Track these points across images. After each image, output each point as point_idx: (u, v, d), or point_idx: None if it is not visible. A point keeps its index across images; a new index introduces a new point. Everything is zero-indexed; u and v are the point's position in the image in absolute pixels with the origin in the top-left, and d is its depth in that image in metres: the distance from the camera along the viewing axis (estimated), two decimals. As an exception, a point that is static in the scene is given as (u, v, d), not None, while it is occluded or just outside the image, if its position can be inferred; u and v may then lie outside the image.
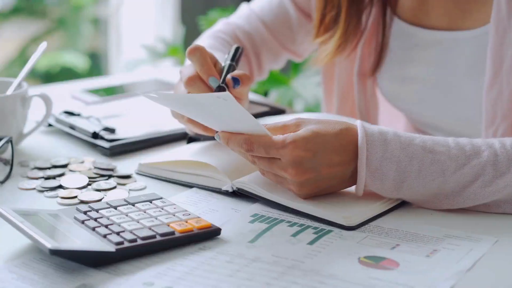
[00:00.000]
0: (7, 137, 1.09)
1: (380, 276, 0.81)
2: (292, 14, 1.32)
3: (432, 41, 1.18)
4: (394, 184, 0.93)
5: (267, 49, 1.35)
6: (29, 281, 0.82)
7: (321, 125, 0.93)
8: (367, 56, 1.26)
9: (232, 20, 1.37)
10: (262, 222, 0.94)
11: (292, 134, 0.92)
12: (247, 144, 0.93)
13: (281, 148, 0.91)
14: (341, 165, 0.93)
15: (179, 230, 0.88)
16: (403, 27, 1.21)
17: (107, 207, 0.94)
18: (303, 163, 0.91)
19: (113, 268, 0.84)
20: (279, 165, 0.92)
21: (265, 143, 0.92)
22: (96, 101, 1.41)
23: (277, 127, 0.96)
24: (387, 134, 0.94)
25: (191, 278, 0.82)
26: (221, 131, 0.96)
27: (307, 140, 0.92)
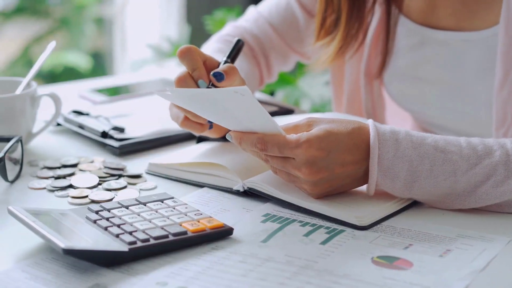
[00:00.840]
0: (17, 137, 1.08)
1: (394, 276, 0.81)
2: (299, 16, 1.32)
3: (440, 42, 1.18)
4: (405, 184, 0.93)
5: (275, 51, 1.35)
6: (42, 281, 0.82)
7: (334, 124, 0.93)
8: (374, 57, 1.26)
9: (240, 23, 1.37)
10: (274, 222, 0.94)
11: (305, 133, 0.92)
12: (260, 143, 0.93)
13: (295, 147, 0.91)
14: (354, 164, 0.93)
15: (192, 229, 0.88)
16: (411, 27, 1.21)
17: (119, 206, 0.93)
18: (317, 163, 0.91)
19: (125, 268, 0.83)
20: (293, 164, 0.92)
21: (279, 142, 0.92)
22: (104, 100, 1.41)
23: (288, 127, 0.96)
24: (398, 133, 0.94)
25: (205, 278, 0.81)
26: (233, 131, 0.96)
27: (321, 139, 0.92)
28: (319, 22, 1.21)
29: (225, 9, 2.24)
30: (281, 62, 1.37)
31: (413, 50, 1.21)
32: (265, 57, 1.35)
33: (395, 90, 1.26)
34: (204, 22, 2.26)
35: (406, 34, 1.22)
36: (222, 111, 0.95)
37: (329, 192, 0.95)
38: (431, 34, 1.19)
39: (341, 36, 1.19)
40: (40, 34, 4.14)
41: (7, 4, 4.11)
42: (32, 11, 4.18)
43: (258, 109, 0.90)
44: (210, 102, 0.94)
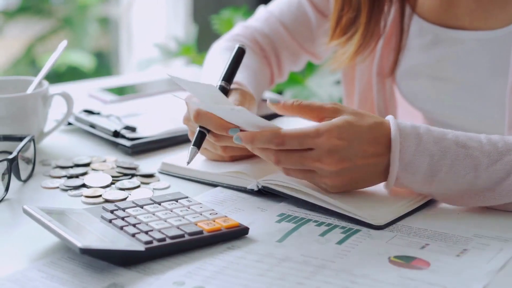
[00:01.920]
0: (30, 136, 1.08)
1: (412, 276, 0.81)
2: (311, 16, 1.31)
3: (454, 41, 1.18)
4: (426, 178, 0.93)
5: (287, 51, 1.34)
6: (59, 280, 0.81)
7: (356, 117, 0.93)
8: (386, 56, 1.25)
9: (250, 23, 1.36)
10: (289, 221, 0.93)
11: (325, 123, 0.92)
12: (277, 137, 0.92)
13: (315, 137, 0.91)
14: (375, 156, 0.93)
15: (207, 229, 0.88)
16: (424, 26, 1.21)
17: (134, 206, 0.93)
18: (339, 152, 0.91)
19: (142, 267, 0.83)
20: (312, 156, 0.92)
21: (298, 134, 0.91)
22: (113, 99, 1.41)
23: (313, 107, 0.95)
24: (419, 128, 0.94)
25: (222, 278, 0.81)
26: (242, 132, 0.94)
27: (342, 130, 0.91)
28: (334, 20, 1.21)
29: (232, 9, 2.24)
30: (292, 61, 1.36)
31: (426, 49, 1.21)
32: (276, 57, 1.34)
33: (407, 89, 1.26)
34: (211, 21, 2.26)
35: (419, 33, 1.21)
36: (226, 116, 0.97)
37: (348, 186, 0.94)
38: (444, 33, 1.18)
39: (361, 34, 1.19)
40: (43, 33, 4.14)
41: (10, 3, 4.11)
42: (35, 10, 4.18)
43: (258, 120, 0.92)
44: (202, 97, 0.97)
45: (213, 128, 1.00)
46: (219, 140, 1.02)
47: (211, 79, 1.19)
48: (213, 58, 1.30)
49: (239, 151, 1.05)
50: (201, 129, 1.01)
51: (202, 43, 2.41)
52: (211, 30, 2.32)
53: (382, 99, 1.27)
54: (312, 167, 0.93)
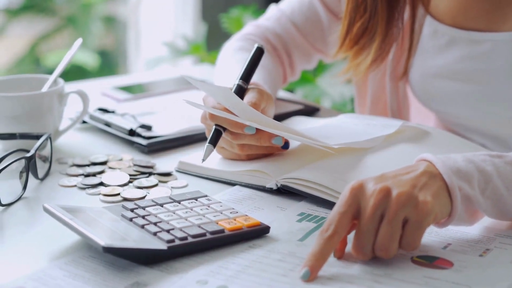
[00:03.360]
0: (47, 134, 1.08)
1: (435, 276, 0.81)
2: (322, 15, 1.31)
3: (469, 42, 1.17)
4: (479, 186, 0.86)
5: (298, 50, 1.34)
6: (81, 279, 0.81)
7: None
8: (399, 58, 1.25)
9: (262, 22, 1.36)
10: (310, 221, 0.93)
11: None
12: None
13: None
14: None
15: (229, 228, 0.88)
16: (439, 28, 1.20)
17: (153, 204, 0.93)
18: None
19: (164, 266, 0.83)
20: None
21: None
22: (127, 98, 1.41)
23: None
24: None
25: (245, 277, 0.81)
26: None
27: None
28: (344, 30, 1.19)
29: (241, 7, 2.24)
30: (304, 61, 1.36)
31: (441, 50, 1.20)
32: (288, 56, 1.34)
33: (421, 91, 1.25)
34: (220, 20, 2.25)
35: (434, 35, 1.21)
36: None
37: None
38: (460, 34, 1.18)
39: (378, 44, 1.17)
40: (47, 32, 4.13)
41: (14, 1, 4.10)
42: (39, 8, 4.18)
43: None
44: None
45: (228, 126, 1.01)
46: (236, 138, 1.02)
47: (225, 79, 1.19)
48: (226, 59, 1.30)
49: (256, 150, 1.05)
50: (217, 127, 1.02)
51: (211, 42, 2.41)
52: (220, 28, 2.32)
53: (396, 101, 1.26)
54: None
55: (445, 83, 1.21)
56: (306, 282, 0.79)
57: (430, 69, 1.22)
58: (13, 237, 0.92)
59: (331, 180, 0.96)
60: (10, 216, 0.97)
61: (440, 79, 1.22)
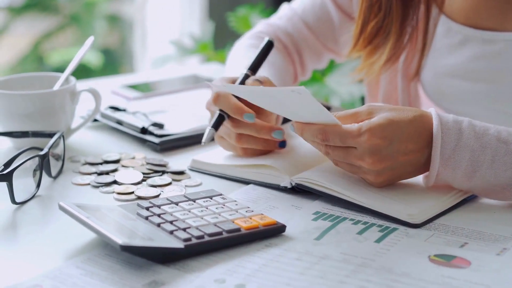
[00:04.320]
0: (60, 132, 1.08)
1: (453, 275, 0.80)
2: (334, 15, 1.31)
3: (483, 42, 1.17)
4: (466, 174, 0.93)
5: (309, 50, 1.34)
6: (98, 277, 0.81)
7: (395, 112, 0.93)
8: (412, 56, 1.25)
9: (273, 21, 1.36)
10: (326, 220, 0.93)
11: (367, 122, 0.92)
12: (321, 134, 0.93)
13: (357, 136, 0.91)
14: (416, 152, 0.93)
15: (245, 227, 0.88)
16: (452, 27, 1.20)
17: (169, 203, 0.93)
18: (380, 151, 0.91)
19: (181, 265, 0.83)
20: (355, 154, 0.92)
21: (340, 132, 0.92)
22: (137, 96, 1.40)
23: (348, 114, 0.95)
24: (462, 122, 0.94)
25: (262, 276, 0.81)
26: (295, 122, 0.96)
27: (383, 128, 0.91)
28: (358, 29, 1.19)
29: (248, 6, 2.23)
30: (315, 60, 1.36)
31: (455, 50, 1.20)
32: (299, 55, 1.34)
33: (433, 90, 1.25)
34: (227, 18, 2.25)
35: (447, 34, 1.20)
36: (281, 105, 0.96)
37: (390, 182, 0.95)
38: (474, 34, 1.17)
39: (393, 43, 1.17)
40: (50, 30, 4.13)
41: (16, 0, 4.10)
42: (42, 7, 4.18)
43: (316, 105, 0.90)
44: (268, 98, 0.95)
45: (230, 110, 1.02)
46: (235, 126, 1.03)
47: (233, 73, 1.19)
48: (236, 55, 1.30)
49: (253, 143, 1.04)
50: (220, 112, 1.03)
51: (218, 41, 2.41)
52: (227, 27, 2.31)
53: (408, 100, 1.26)
54: (356, 164, 0.93)
55: (457, 82, 1.21)
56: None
57: (443, 68, 1.22)
58: (28, 235, 0.92)
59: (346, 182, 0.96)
60: (24, 214, 0.97)
61: (452, 78, 1.21)
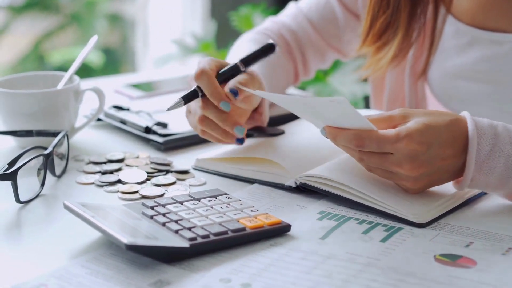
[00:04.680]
0: (64, 131, 1.08)
1: (460, 275, 0.80)
2: (339, 13, 1.31)
3: (491, 43, 1.16)
4: (500, 179, 0.92)
5: (313, 48, 1.34)
6: (103, 276, 0.81)
7: (431, 117, 0.91)
8: (419, 57, 1.24)
9: (279, 18, 1.37)
10: (331, 219, 0.93)
11: (404, 127, 0.90)
12: (357, 139, 0.91)
13: (395, 142, 0.90)
14: (453, 157, 0.91)
15: (250, 226, 0.87)
16: (460, 27, 1.19)
17: (173, 202, 0.93)
18: (418, 157, 0.90)
19: (186, 264, 0.83)
20: (392, 160, 0.90)
21: (377, 138, 0.90)
22: (141, 95, 1.40)
23: (381, 118, 0.93)
24: (497, 127, 0.92)
25: (268, 275, 0.81)
26: (328, 126, 0.94)
27: (421, 133, 0.90)
28: (367, 25, 1.19)
29: (251, 5, 2.23)
30: (318, 59, 1.36)
31: (462, 50, 1.19)
32: (302, 53, 1.34)
33: (441, 91, 1.24)
34: (229, 18, 2.25)
35: (455, 35, 1.20)
36: (313, 113, 0.94)
37: (427, 187, 0.94)
38: (481, 35, 1.17)
39: (401, 38, 1.17)
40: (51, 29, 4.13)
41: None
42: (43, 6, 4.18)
43: (354, 113, 0.88)
44: (301, 105, 0.94)
45: (208, 91, 1.01)
46: (203, 107, 1.02)
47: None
48: (238, 46, 1.31)
49: (214, 129, 1.03)
50: (196, 88, 1.02)
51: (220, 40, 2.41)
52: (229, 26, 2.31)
53: (414, 100, 1.26)
54: (393, 170, 0.91)
55: (465, 83, 1.20)
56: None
57: (450, 68, 1.21)
58: (32, 234, 0.92)
59: (352, 178, 0.96)
60: (28, 213, 0.97)
61: (460, 79, 1.21)
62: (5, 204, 0.98)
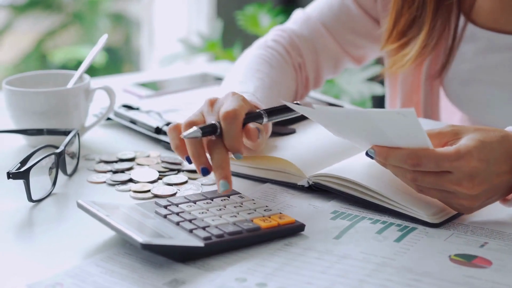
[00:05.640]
0: (75, 130, 1.08)
1: (475, 275, 0.80)
2: (355, 14, 1.27)
3: (509, 47, 1.15)
4: None
5: (327, 54, 1.28)
6: (118, 276, 0.81)
7: (483, 133, 0.89)
8: (435, 59, 1.23)
9: (288, 26, 1.30)
10: (344, 219, 0.93)
11: (463, 145, 0.88)
12: (413, 159, 0.87)
13: (455, 160, 0.87)
14: (508, 173, 0.89)
15: (264, 225, 0.87)
16: (476, 31, 1.18)
17: (186, 201, 0.93)
18: (479, 174, 0.87)
19: (200, 263, 0.82)
20: (451, 179, 0.87)
21: (436, 156, 0.87)
22: (149, 95, 1.40)
23: (431, 134, 0.91)
24: None
25: (283, 274, 0.81)
26: (377, 146, 0.90)
27: (479, 150, 0.87)
28: (392, 22, 1.17)
29: (257, 5, 2.23)
30: (331, 66, 1.30)
31: (479, 54, 1.18)
32: (315, 62, 1.28)
33: (455, 94, 1.23)
34: (235, 17, 2.24)
35: (472, 38, 1.19)
36: (364, 129, 0.90)
37: (485, 205, 0.91)
38: (498, 38, 1.16)
39: (426, 34, 1.16)
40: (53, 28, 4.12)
41: (20, -3, 4.10)
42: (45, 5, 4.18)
43: (417, 129, 0.86)
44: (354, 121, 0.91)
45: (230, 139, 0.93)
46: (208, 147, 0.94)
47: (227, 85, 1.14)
48: (238, 67, 1.22)
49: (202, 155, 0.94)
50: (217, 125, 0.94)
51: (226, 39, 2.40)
52: (235, 25, 2.31)
53: (430, 102, 1.25)
54: (451, 189, 0.89)
55: (482, 88, 1.19)
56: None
57: (467, 73, 1.20)
58: (45, 233, 0.91)
59: (365, 178, 0.96)
60: (40, 212, 0.96)
61: (477, 83, 1.20)
62: (16, 203, 0.98)
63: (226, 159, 0.94)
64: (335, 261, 0.83)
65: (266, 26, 2.09)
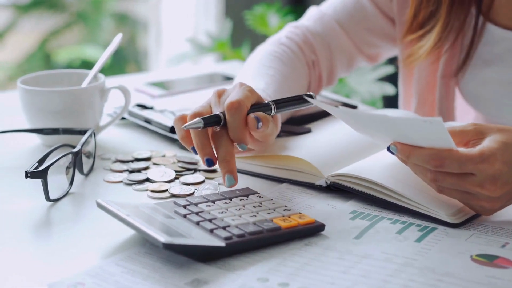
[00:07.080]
0: (91, 129, 1.07)
1: (498, 275, 0.80)
2: (370, 13, 1.27)
3: None
4: None
5: (341, 52, 1.28)
6: (139, 275, 0.80)
7: (507, 134, 0.89)
8: (451, 58, 1.23)
9: (302, 23, 1.30)
10: (363, 219, 0.92)
11: (486, 146, 0.87)
12: (435, 159, 0.87)
13: (479, 162, 0.86)
14: None
15: (284, 225, 0.87)
16: (496, 32, 1.18)
17: (205, 201, 0.92)
18: (502, 177, 0.87)
19: (221, 263, 0.82)
20: (474, 181, 0.87)
21: (459, 157, 0.86)
22: (162, 94, 1.40)
23: (453, 132, 0.90)
24: None
25: (305, 274, 0.80)
26: (400, 143, 0.89)
27: (503, 152, 0.87)
28: (412, 14, 1.18)
29: (265, 5, 2.22)
30: (345, 64, 1.30)
31: (497, 54, 1.18)
32: (328, 60, 1.28)
33: (472, 94, 1.23)
34: (244, 17, 2.24)
35: (490, 38, 1.19)
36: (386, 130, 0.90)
37: (506, 206, 0.91)
38: None
39: (441, 26, 1.16)
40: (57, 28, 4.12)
41: (24, -3, 4.10)
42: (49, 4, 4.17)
43: (443, 135, 0.86)
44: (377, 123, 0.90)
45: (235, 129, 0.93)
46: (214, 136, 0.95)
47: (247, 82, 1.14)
48: (250, 63, 1.22)
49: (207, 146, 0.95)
50: (221, 116, 0.94)
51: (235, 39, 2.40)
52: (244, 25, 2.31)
53: (445, 102, 1.24)
54: (473, 191, 0.88)
55: (499, 88, 1.19)
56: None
57: (484, 73, 1.20)
58: (63, 232, 0.91)
59: (384, 177, 0.95)
60: (57, 211, 0.96)
61: (494, 84, 1.19)
62: (33, 202, 0.97)
63: (231, 152, 0.94)
64: (357, 261, 0.83)
65: (274, 26, 2.09)
